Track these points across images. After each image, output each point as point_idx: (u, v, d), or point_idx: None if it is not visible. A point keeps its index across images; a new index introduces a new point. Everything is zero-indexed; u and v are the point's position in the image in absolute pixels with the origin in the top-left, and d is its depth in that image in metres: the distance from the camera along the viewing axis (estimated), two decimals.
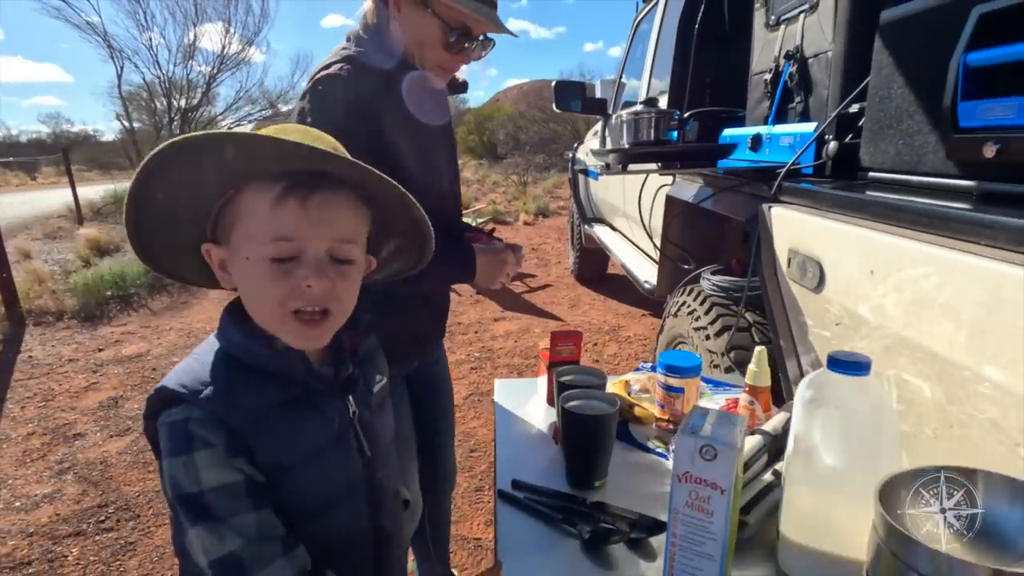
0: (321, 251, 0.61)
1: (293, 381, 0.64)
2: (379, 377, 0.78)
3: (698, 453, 0.60)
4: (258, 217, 0.59)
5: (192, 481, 0.58)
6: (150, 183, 0.58)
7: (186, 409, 0.59)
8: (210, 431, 0.58)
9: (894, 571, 0.53)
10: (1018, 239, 0.60)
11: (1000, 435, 0.62)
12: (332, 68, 1.01)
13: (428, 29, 1.05)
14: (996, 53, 0.75)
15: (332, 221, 0.62)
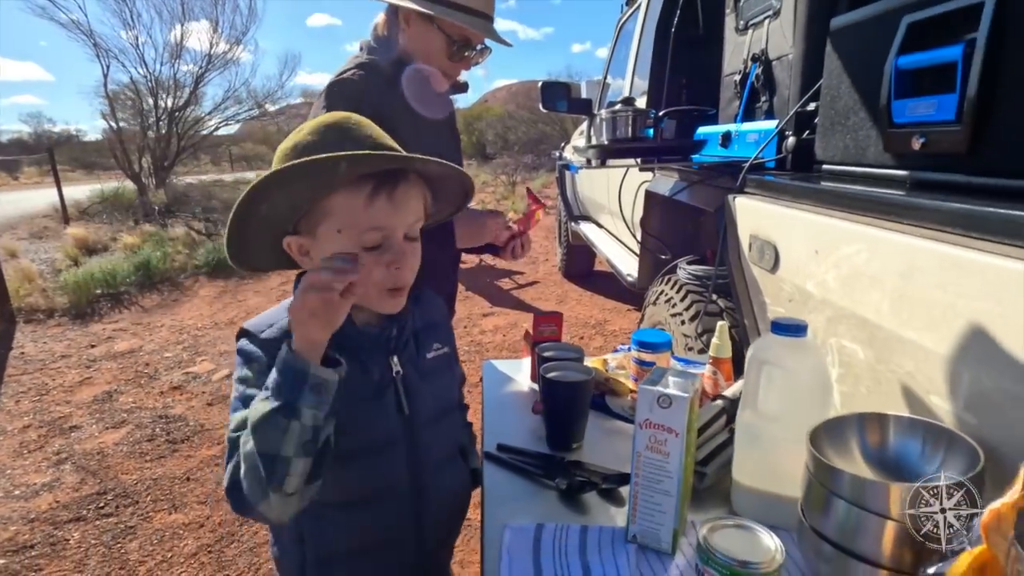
0: (401, 236, 0.74)
1: (339, 334, 0.68)
2: (437, 346, 0.87)
3: (656, 402, 0.69)
4: (353, 213, 0.70)
5: (241, 384, 0.72)
6: (260, 199, 0.68)
7: (248, 341, 0.74)
8: (258, 359, 0.72)
9: (822, 498, 0.63)
10: (925, 217, 0.70)
11: (915, 385, 0.72)
12: (347, 73, 1.14)
13: (433, 42, 1.19)
14: (921, 57, 0.85)
15: (410, 208, 0.74)
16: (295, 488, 0.64)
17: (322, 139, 0.71)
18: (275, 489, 0.63)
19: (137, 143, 10.39)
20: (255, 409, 0.64)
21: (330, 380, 0.66)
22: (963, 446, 0.61)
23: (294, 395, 0.63)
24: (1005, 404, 0.58)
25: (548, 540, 0.75)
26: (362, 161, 0.67)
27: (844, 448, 0.69)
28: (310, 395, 0.64)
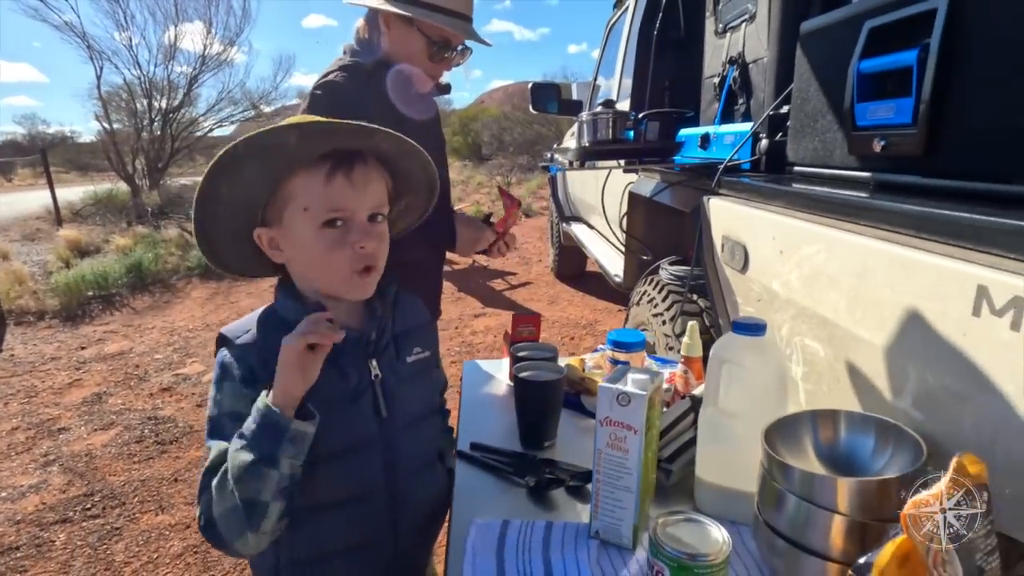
0: (364, 217, 0.75)
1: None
2: (418, 350, 0.87)
3: (615, 400, 0.71)
4: (312, 194, 0.72)
5: (215, 405, 0.73)
6: (218, 179, 0.70)
7: (228, 350, 0.75)
8: (235, 366, 0.73)
9: (774, 493, 0.65)
10: (875, 218, 0.72)
11: (869, 383, 0.74)
12: (330, 76, 1.16)
13: (414, 43, 1.21)
14: (881, 61, 0.87)
15: (370, 190, 0.76)
16: (270, 528, 0.69)
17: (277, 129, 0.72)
18: (252, 531, 0.67)
19: (131, 144, 10.37)
20: (234, 457, 0.67)
21: (308, 433, 0.69)
22: (909, 441, 0.63)
23: (274, 447, 0.66)
24: (947, 400, 0.60)
25: (513, 536, 0.76)
26: (312, 133, 0.69)
27: (798, 445, 0.70)
28: (289, 446, 0.67)
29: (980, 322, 0.54)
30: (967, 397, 0.57)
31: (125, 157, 10.06)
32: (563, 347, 3.70)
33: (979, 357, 0.54)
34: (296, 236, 0.74)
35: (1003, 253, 0.54)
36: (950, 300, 0.58)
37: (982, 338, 0.54)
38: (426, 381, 0.90)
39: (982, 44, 0.70)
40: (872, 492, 0.58)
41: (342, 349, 0.75)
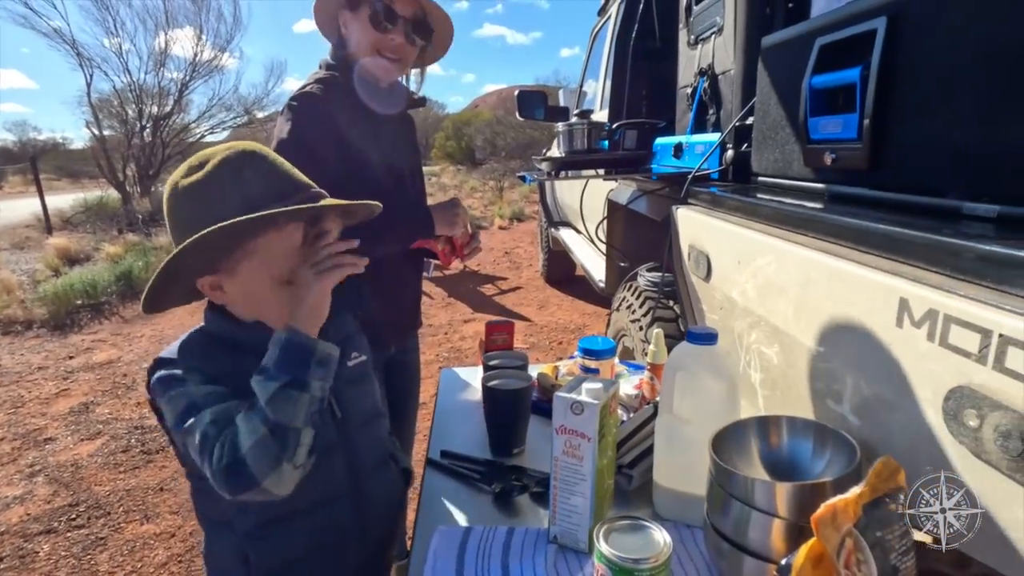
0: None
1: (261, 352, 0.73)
2: (355, 354, 0.91)
3: (569, 409, 0.73)
4: (275, 255, 0.74)
5: (186, 397, 0.71)
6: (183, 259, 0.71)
7: (173, 365, 0.74)
8: (194, 375, 0.72)
9: (720, 499, 0.67)
10: (817, 230, 0.75)
11: (814, 389, 0.76)
12: (306, 88, 1.18)
13: (361, 19, 1.20)
14: (830, 77, 0.90)
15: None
16: (303, 460, 0.70)
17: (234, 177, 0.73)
18: (288, 459, 0.67)
19: (122, 151, 10.35)
20: (261, 388, 0.68)
21: (333, 354, 0.73)
22: (846, 445, 0.66)
23: (303, 369, 0.70)
24: (878, 406, 0.63)
25: (474, 542, 0.78)
26: (299, 214, 0.73)
27: (745, 450, 0.73)
28: (317, 368, 0.71)
29: (902, 333, 0.57)
30: (893, 403, 0.59)
31: (116, 164, 10.04)
32: (552, 351, 3.72)
33: (902, 366, 0.57)
34: (249, 286, 0.76)
35: (922, 266, 0.57)
36: (878, 312, 0.60)
37: (904, 348, 0.57)
38: (368, 383, 0.94)
39: (918, 64, 0.73)
40: (808, 495, 0.61)
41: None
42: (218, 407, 0.70)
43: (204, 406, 0.70)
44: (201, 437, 0.68)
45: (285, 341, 0.70)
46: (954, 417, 0.50)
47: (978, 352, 0.47)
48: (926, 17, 0.72)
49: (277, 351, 0.70)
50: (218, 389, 0.72)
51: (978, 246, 0.51)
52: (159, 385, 0.73)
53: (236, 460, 0.66)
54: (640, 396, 1.15)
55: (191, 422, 0.69)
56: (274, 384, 0.68)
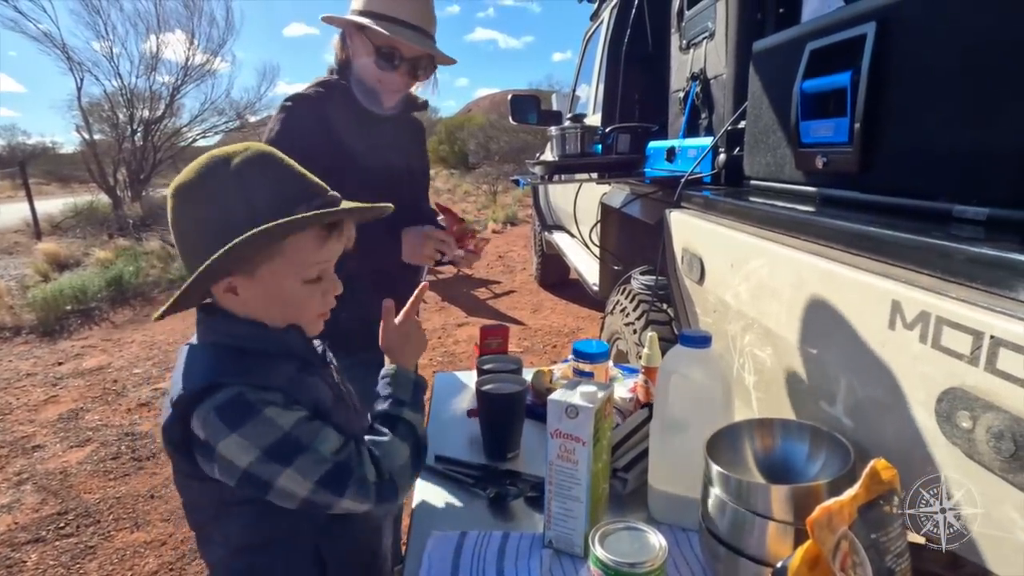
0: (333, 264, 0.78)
1: (294, 354, 0.75)
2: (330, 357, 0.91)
3: (564, 413, 0.73)
4: (304, 255, 0.72)
5: (273, 431, 0.65)
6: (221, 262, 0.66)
7: (230, 389, 0.65)
8: (264, 394, 0.67)
9: (715, 501, 0.67)
10: (809, 232, 0.75)
11: (808, 392, 0.77)
12: (302, 89, 1.19)
13: (363, 50, 1.23)
14: (821, 82, 0.91)
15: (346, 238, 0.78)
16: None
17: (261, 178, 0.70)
18: (419, 471, 0.79)
19: (112, 156, 10.28)
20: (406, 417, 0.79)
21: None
22: (840, 447, 0.66)
23: (420, 407, 0.82)
24: (871, 408, 0.63)
25: (469, 547, 0.78)
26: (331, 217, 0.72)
27: (740, 453, 0.73)
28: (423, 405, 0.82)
29: (895, 335, 0.57)
30: (886, 405, 0.60)
31: (107, 168, 9.97)
32: (545, 355, 3.72)
33: (895, 368, 0.57)
34: (271, 287, 0.72)
35: (913, 269, 0.57)
36: (870, 314, 0.61)
37: (897, 350, 0.57)
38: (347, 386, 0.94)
39: (907, 68, 0.74)
40: (803, 498, 0.61)
41: (311, 361, 0.78)
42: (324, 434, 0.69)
43: (303, 438, 0.67)
44: (335, 469, 0.67)
45: (415, 384, 0.83)
46: (947, 419, 0.50)
47: (970, 354, 0.47)
48: (915, 22, 0.73)
49: (412, 387, 0.82)
50: (301, 413, 0.69)
51: (970, 248, 0.52)
52: (228, 415, 0.65)
53: (385, 482, 0.71)
54: (634, 399, 1.15)
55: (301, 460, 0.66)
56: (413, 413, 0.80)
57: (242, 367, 0.69)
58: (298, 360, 0.75)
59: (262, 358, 0.71)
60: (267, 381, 0.68)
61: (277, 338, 0.74)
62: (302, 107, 1.19)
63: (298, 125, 1.16)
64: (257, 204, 0.68)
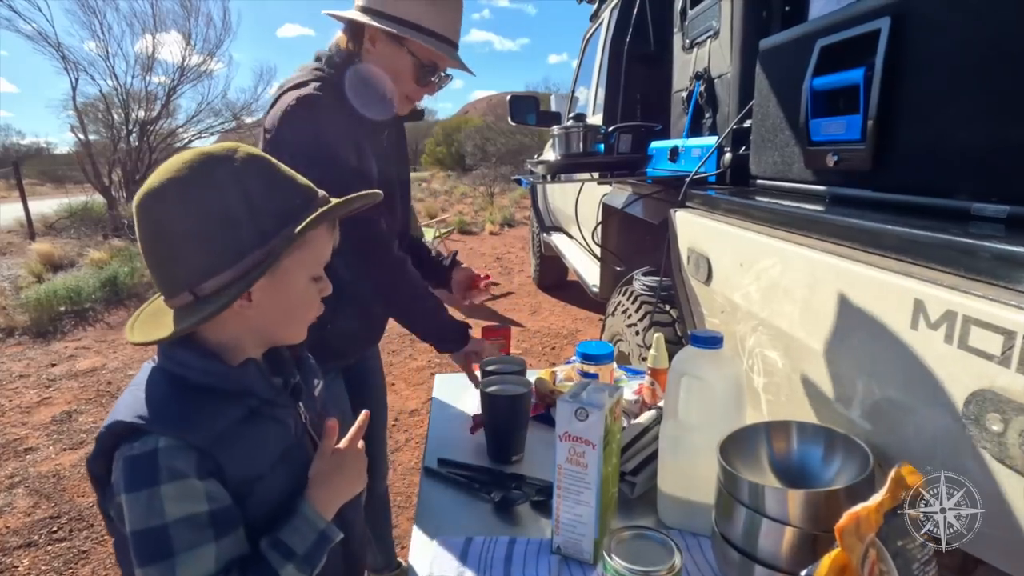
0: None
1: (251, 394, 0.67)
2: (316, 382, 0.84)
3: (574, 415, 0.71)
4: (321, 246, 0.71)
5: (155, 514, 0.57)
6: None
7: (149, 440, 0.59)
8: (179, 458, 0.59)
9: (729, 506, 0.65)
10: (822, 231, 0.74)
11: (822, 394, 0.75)
12: (309, 89, 1.07)
13: (401, 64, 1.15)
14: (832, 79, 0.89)
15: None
16: None
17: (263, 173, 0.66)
18: None
19: (107, 156, 10.21)
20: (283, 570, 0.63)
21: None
22: (858, 451, 0.64)
23: (319, 562, 0.67)
24: (891, 411, 0.61)
25: (475, 553, 0.76)
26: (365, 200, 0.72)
27: (753, 457, 0.71)
28: (325, 557, 0.67)
29: (918, 335, 0.55)
30: (908, 408, 0.58)
31: (101, 169, 9.90)
32: (544, 357, 3.70)
33: (918, 369, 0.56)
34: (287, 287, 0.69)
35: (937, 267, 0.56)
36: (891, 313, 0.59)
37: (920, 350, 0.55)
38: (330, 406, 0.87)
39: (923, 64, 0.73)
40: (820, 503, 0.59)
41: (274, 401, 0.70)
42: (198, 554, 0.58)
43: (167, 549, 0.58)
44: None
45: (321, 535, 0.67)
46: (976, 421, 0.48)
47: (1001, 354, 0.46)
48: (931, 16, 0.72)
49: (313, 539, 0.66)
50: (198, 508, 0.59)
51: (999, 246, 0.50)
52: (131, 471, 0.59)
53: None
54: (640, 401, 1.13)
55: (154, 569, 0.58)
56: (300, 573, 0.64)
57: (176, 411, 0.62)
58: (255, 399, 0.67)
59: (208, 397, 0.64)
60: (198, 432, 0.61)
61: (232, 376, 0.66)
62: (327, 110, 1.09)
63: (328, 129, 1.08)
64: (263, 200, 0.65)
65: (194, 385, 0.64)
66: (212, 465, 0.61)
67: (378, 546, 1.58)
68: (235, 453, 0.62)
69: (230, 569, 0.61)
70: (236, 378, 0.66)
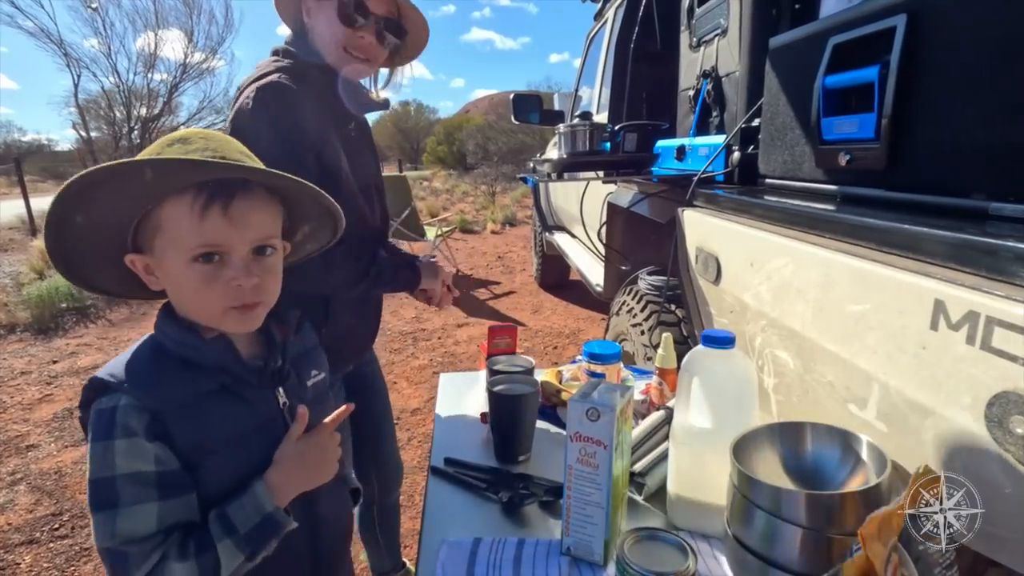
0: (245, 251, 0.67)
1: (221, 370, 0.68)
2: (315, 372, 0.83)
3: (585, 415, 0.70)
4: (183, 227, 0.64)
5: (107, 465, 0.61)
6: (70, 208, 0.62)
7: (114, 397, 0.63)
8: (132, 416, 0.62)
9: (743, 508, 0.65)
10: (836, 230, 0.73)
11: (836, 395, 0.74)
12: (271, 78, 1.03)
13: (329, 13, 1.08)
14: (845, 77, 0.89)
15: (253, 223, 0.67)
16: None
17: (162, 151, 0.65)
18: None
19: (109, 153, 10.22)
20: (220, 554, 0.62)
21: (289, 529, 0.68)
22: (873, 452, 0.63)
23: (261, 545, 0.65)
24: (909, 413, 0.60)
25: (484, 554, 0.75)
26: (172, 169, 0.62)
27: (766, 458, 0.71)
28: (273, 544, 0.66)
29: (938, 335, 0.55)
30: (928, 409, 0.57)
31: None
32: (546, 356, 3.69)
33: (937, 370, 0.55)
34: (167, 267, 0.67)
35: (958, 267, 0.55)
36: (909, 314, 0.58)
37: (940, 351, 0.55)
38: (326, 403, 0.84)
39: (940, 61, 0.72)
40: (837, 506, 0.58)
41: (246, 380, 0.71)
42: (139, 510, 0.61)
43: (113, 500, 0.60)
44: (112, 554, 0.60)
45: (267, 518, 0.66)
46: (999, 424, 0.48)
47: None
48: (949, 12, 0.71)
49: (256, 521, 0.65)
50: (146, 467, 0.62)
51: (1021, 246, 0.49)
52: (95, 422, 0.63)
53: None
54: (648, 401, 1.12)
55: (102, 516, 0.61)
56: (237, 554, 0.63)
57: (144, 374, 0.65)
58: (226, 376, 0.69)
59: (179, 367, 0.67)
60: (155, 396, 0.64)
61: (200, 347, 0.68)
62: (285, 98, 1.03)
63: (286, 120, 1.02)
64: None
65: (171, 354, 0.68)
66: (160, 429, 0.63)
67: (386, 551, 1.57)
68: (186, 423, 0.65)
69: (172, 531, 0.63)
70: (205, 350, 0.68)
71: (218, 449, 0.67)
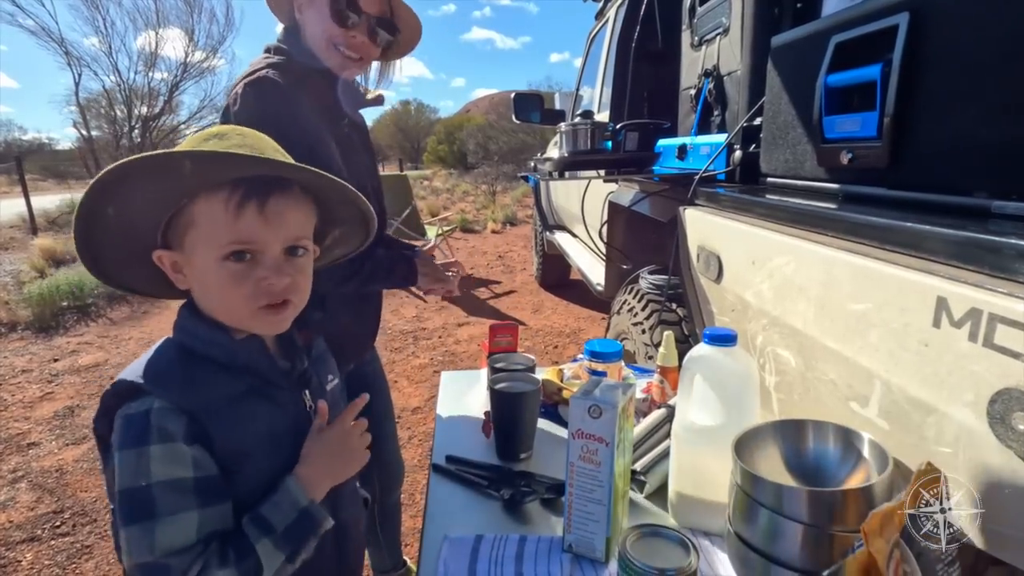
0: (278, 251, 0.66)
1: (252, 372, 0.67)
2: (331, 377, 0.83)
3: (587, 412, 0.70)
4: (217, 224, 0.62)
5: (142, 474, 0.58)
6: (102, 199, 0.60)
7: (146, 401, 0.60)
8: (169, 420, 0.60)
9: (745, 506, 0.65)
10: (838, 229, 0.73)
11: (837, 393, 0.74)
12: (260, 73, 1.02)
13: (321, 11, 1.08)
14: (847, 75, 0.89)
15: (286, 222, 0.66)
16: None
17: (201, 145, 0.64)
18: None
19: (110, 152, 10.24)
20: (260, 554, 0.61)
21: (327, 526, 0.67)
22: (875, 450, 0.63)
23: (301, 544, 0.64)
24: (911, 410, 0.61)
25: (486, 551, 0.75)
26: (212, 163, 0.61)
27: (768, 456, 0.71)
28: (313, 542, 0.66)
29: (940, 333, 0.55)
30: (929, 407, 0.57)
31: (104, 165, 9.90)
32: (547, 355, 3.69)
33: (939, 367, 0.55)
34: (197, 264, 0.65)
35: (961, 265, 0.55)
36: (912, 311, 0.58)
37: (942, 349, 0.55)
38: (339, 407, 0.82)
39: (943, 60, 0.72)
40: (839, 502, 0.58)
41: (278, 383, 0.70)
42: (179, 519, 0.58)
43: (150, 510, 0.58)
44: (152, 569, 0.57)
45: (303, 512, 0.65)
46: (1001, 420, 0.48)
47: None
48: (952, 11, 0.71)
49: (294, 516, 0.64)
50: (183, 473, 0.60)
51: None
52: (126, 428, 0.60)
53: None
54: (649, 400, 1.12)
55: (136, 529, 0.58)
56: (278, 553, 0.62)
57: (176, 376, 0.63)
58: (257, 378, 0.68)
59: (209, 368, 0.65)
60: (191, 397, 0.62)
61: (231, 347, 0.66)
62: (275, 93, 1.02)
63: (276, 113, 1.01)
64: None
65: (199, 355, 0.65)
66: (199, 431, 0.61)
67: (387, 550, 1.57)
68: (224, 424, 0.63)
69: (210, 541, 0.60)
70: (237, 351, 0.66)
71: (255, 452, 0.66)
